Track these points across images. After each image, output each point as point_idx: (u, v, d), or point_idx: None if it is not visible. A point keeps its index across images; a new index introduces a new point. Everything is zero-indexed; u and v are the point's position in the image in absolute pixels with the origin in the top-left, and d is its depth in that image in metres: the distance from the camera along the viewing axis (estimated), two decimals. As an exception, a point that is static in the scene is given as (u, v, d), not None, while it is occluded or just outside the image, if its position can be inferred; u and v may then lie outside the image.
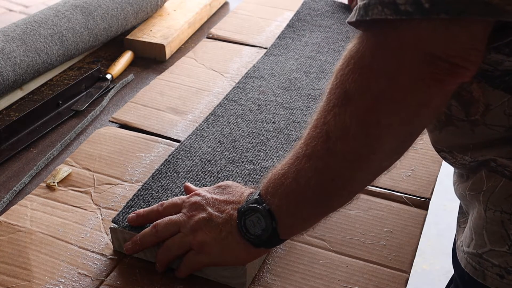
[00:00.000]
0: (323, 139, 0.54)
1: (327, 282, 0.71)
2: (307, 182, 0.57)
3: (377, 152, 0.54)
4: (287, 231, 0.64)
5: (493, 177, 0.63)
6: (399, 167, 0.89)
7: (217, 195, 0.67)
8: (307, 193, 0.58)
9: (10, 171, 0.89)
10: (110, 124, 0.99)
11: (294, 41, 1.14)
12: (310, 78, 1.02)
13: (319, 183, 0.57)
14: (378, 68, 0.51)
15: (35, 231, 0.77)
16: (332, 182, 0.57)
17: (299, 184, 0.58)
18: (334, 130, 0.53)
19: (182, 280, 0.70)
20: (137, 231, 0.71)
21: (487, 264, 0.64)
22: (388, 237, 0.77)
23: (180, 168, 0.81)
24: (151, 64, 1.18)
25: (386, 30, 0.51)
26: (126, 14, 1.19)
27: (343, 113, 0.53)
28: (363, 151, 0.54)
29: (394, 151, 0.56)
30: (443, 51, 0.50)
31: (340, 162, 0.55)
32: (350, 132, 0.53)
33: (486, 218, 0.63)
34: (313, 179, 0.57)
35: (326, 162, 0.55)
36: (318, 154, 0.55)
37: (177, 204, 0.69)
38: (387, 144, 0.54)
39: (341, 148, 0.54)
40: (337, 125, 0.53)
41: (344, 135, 0.53)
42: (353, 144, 0.53)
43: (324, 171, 0.56)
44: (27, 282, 0.70)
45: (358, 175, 0.57)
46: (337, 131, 0.53)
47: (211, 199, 0.67)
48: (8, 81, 0.98)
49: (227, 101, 0.96)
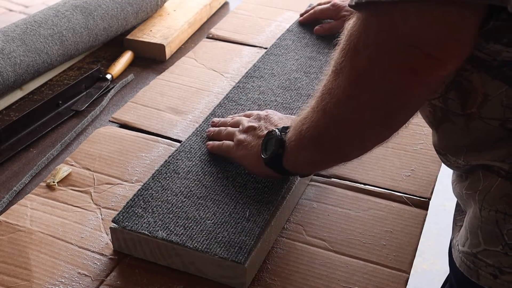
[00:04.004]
0: (324, 102, 0.61)
1: (327, 282, 0.71)
2: (306, 130, 0.66)
3: (359, 121, 0.60)
4: (289, 163, 0.73)
5: (489, 176, 0.63)
6: (399, 167, 0.89)
7: (262, 122, 0.81)
8: (304, 140, 0.67)
9: (10, 171, 0.89)
10: (110, 124, 0.99)
11: (295, 42, 1.15)
12: (310, 78, 1.02)
13: (313, 135, 0.65)
14: (363, 49, 0.54)
15: (35, 230, 0.77)
16: (320, 136, 0.65)
17: (301, 130, 0.67)
18: (329, 96, 0.60)
19: (182, 280, 0.71)
20: (137, 231, 0.71)
21: (481, 264, 0.64)
22: (388, 237, 0.77)
23: (180, 169, 0.81)
24: (151, 64, 1.18)
25: (373, 13, 0.52)
26: (126, 14, 1.19)
27: (335, 84, 0.58)
28: (348, 117, 0.60)
29: (374, 129, 0.61)
30: (418, 39, 0.51)
31: (329, 122, 0.62)
32: (339, 99, 0.59)
33: (481, 217, 0.63)
34: (310, 131, 0.65)
35: (320, 120, 0.63)
36: (318, 112, 0.63)
37: (239, 122, 0.85)
38: (367, 118, 0.59)
39: (332, 111, 0.60)
40: (330, 92, 0.60)
41: (335, 101, 0.59)
42: (340, 110, 0.60)
43: (318, 125, 0.64)
44: (27, 282, 0.70)
45: (342, 135, 0.64)
46: (331, 98, 0.60)
47: (257, 126, 0.81)
48: (8, 81, 0.98)
49: (227, 101, 0.96)
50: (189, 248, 0.69)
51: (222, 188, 0.78)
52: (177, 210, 0.74)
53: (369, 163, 0.90)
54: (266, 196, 0.77)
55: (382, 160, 0.90)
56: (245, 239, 0.70)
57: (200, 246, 0.69)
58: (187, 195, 0.77)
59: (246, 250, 0.69)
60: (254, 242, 0.70)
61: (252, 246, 0.70)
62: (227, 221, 0.73)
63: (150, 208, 0.75)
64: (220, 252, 0.69)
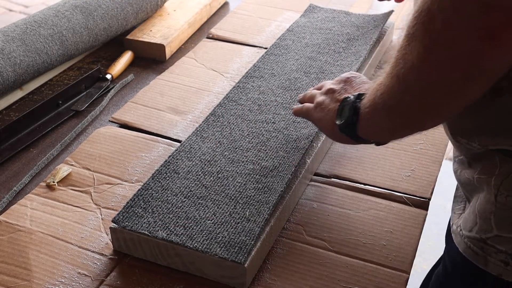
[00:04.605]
0: (398, 67, 0.59)
1: (327, 282, 0.71)
2: (380, 97, 0.64)
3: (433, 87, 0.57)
4: (364, 131, 0.71)
5: (508, 162, 0.61)
6: (399, 167, 0.89)
7: (343, 85, 0.80)
8: (377, 106, 0.65)
9: (10, 171, 0.89)
10: (110, 124, 0.99)
11: (295, 42, 1.14)
12: (310, 78, 1.02)
13: (387, 102, 0.63)
14: (437, 12, 0.52)
15: (35, 230, 0.77)
16: (394, 102, 0.63)
17: (375, 96, 0.65)
18: (403, 61, 0.58)
19: (182, 280, 0.71)
20: (137, 231, 0.71)
21: (491, 250, 0.63)
22: (388, 237, 0.77)
23: (180, 169, 0.81)
24: (151, 64, 1.18)
25: None
26: (126, 14, 1.19)
27: (409, 49, 0.57)
28: (422, 83, 0.58)
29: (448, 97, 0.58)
30: (498, 0, 0.48)
31: (403, 88, 0.60)
32: (413, 65, 0.57)
33: (496, 203, 0.62)
34: (384, 97, 0.63)
35: (394, 86, 0.61)
36: (392, 78, 0.61)
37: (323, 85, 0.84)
38: (440, 84, 0.56)
39: (406, 76, 0.58)
40: (404, 57, 0.58)
41: (409, 66, 0.57)
42: (413, 75, 0.58)
43: (392, 91, 0.62)
44: (27, 282, 0.70)
45: (415, 101, 0.61)
46: (405, 63, 0.58)
47: (337, 89, 0.80)
48: (8, 81, 0.98)
49: (227, 101, 0.96)
50: (189, 248, 0.69)
51: (222, 188, 0.78)
52: (177, 210, 0.74)
53: (369, 163, 0.90)
54: (266, 196, 0.77)
55: (382, 160, 0.90)
56: (245, 239, 0.70)
57: (200, 246, 0.69)
58: (187, 195, 0.77)
59: (246, 250, 0.69)
60: (254, 242, 0.70)
61: (252, 246, 0.70)
62: (227, 221, 0.73)
63: (150, 208, 0.75)
64: (220, 252, 0.69)
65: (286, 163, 0.82)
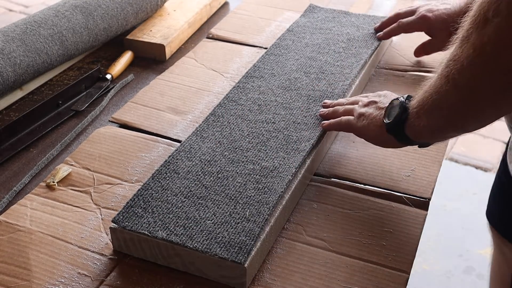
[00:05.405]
0: (448, 68, 0.61)
1: (327, 282, 0.71)
2: (429, 97, 0.67)
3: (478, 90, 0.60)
4: (411, 130, 0.74)
5: None
6: (399, 167, 0.89)
7: (382, 98, 0.84)
8: (425, 106, 0.69)
9: (10, 171, 0.89)
10: (110, 124, 0.99)
11: (295, 42, 1.15)
12: (310, 78, 1.02)
13: (435, 101, 0.66)
14: (492, 17, 0.54)
15: (35, 230, 0.77)
16: (441, 102, 0.66)
17: (424, 96, 0.69)
18: (453, 62, 0.60)
19: (182, 280, 0.71)
20: (137, 231, 0.71)
21: None
22: (388, 237, 0.77)
23: (180, 169, 0.81)
24: (151, 64, 1.18)
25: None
26: (126, 14, 1.19)
27: (460, 51, 0.59)
28: (469, 84, 0.60)
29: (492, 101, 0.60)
30: None
31: (451, 88, 0.63)
32: (462, 66, 0.59)
33: None
34: (432, 97, 0.67)
35: (443, 86, 0.64)
36: (441, 78, 0.63)
37: (357, 100, 0.88)
38: (486, 88, 0.59)
39: (455, 77, 0.61)
40: (455, 59, 0.60)
41: (458, 67, 0.60)
42: (461, 77, 0.60)
43: (440, 91, 0.65)
44: (27, 282, 0.70)
45: (461, 102, 0.63)
46: (455, 64, 0.60)
47: (378, 100, 0.84)
48: (8, 81, 0.98)
49: (227, 101, 0.96)
50: (189, 248, 0.69)
51: (222, 188, 0.78)
52: (177, 210, 0.75)
53: (369, 163, 0.90)
54: (266, 196, 0.77)
55: (382, 160, 0.90)
56: (245, 239, 0.70)
57: (200, 246, 0.69)
58: (187, 195, 0.77)
59: (246, 250, 0.69)
60: (254, 242, 0.70)
61: (252, 246, 0.70)
62: (227, 221, 0.73)
63: (150, 208, 0.75)
64: (220, 252, 0.69)
65: (286, 164, 0.82)
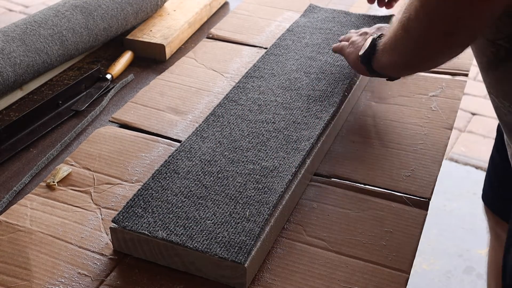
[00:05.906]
0: (403, 15, 0.71)
1: (327, 282, 0.71)
2: (389, 38, 0.78)
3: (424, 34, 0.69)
4: (377, 64, 0.86)
5: None
6: (399, 167, 0.89)
7: (375, 30, 0.96)
8: (386, 45, 0.80)
9: (10, 171, 0.89)
10: (110, 124, 0.99)
11: (295, 42, 1.15)
12: (310, 78, 1.02)
13: (393, 41, 0.77)
14: None
15: (35, 230, 0.77)
16: (397, 43, 0.76)
17: (388, 36, 0.79)
18: (407, 10, 0.70)
19: (182, 280, 0.71)
20: (137, 231, 0.71)
21: None
22: (388, 237, 0.77)
23: (180, 169, 0.81)
24: (151, 64, 1.18)
25: None
26: (126, 14, 1.19)
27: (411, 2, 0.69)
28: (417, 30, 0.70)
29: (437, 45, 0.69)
30: None
31: (403, 33, 0.72)
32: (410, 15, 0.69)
33: None
34: (391, 38, 0.77)
35: (399, 30, 0.73)
36: (398, 23, 0.73)
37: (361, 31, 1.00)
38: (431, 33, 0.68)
39: (406, 23, 0.71)
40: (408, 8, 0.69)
41: (408, 16, 0.69)
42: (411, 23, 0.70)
43: (396, 34, 0.75)
44: (27, 281, 0.70)
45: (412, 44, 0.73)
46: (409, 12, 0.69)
47: (370, 32, 0.96)
48: (8, 81, 0.98)
49: (227, 101, 0.96)
50: (189, 248, 0.69)
51: (222, 188, 0.78)
52: (177, 210, 0.75)
53: (369, 163, 0.90)
54: (266, 196, 0.77)
55: (382, 160, 0.90)
56: (245, 239, 0.70)
57: (200, 246, 0.69)
58: (187, 195, 0.77)
59: (246, 250, 0.69)
60: (254, 242, 0.70)
61: (252, 246, 0.70)
62: (227, 221, 0.73)
63: (150, 208, 0.75)
64: (220, 252, 0.69)
65: (286, 164, 0.82)
